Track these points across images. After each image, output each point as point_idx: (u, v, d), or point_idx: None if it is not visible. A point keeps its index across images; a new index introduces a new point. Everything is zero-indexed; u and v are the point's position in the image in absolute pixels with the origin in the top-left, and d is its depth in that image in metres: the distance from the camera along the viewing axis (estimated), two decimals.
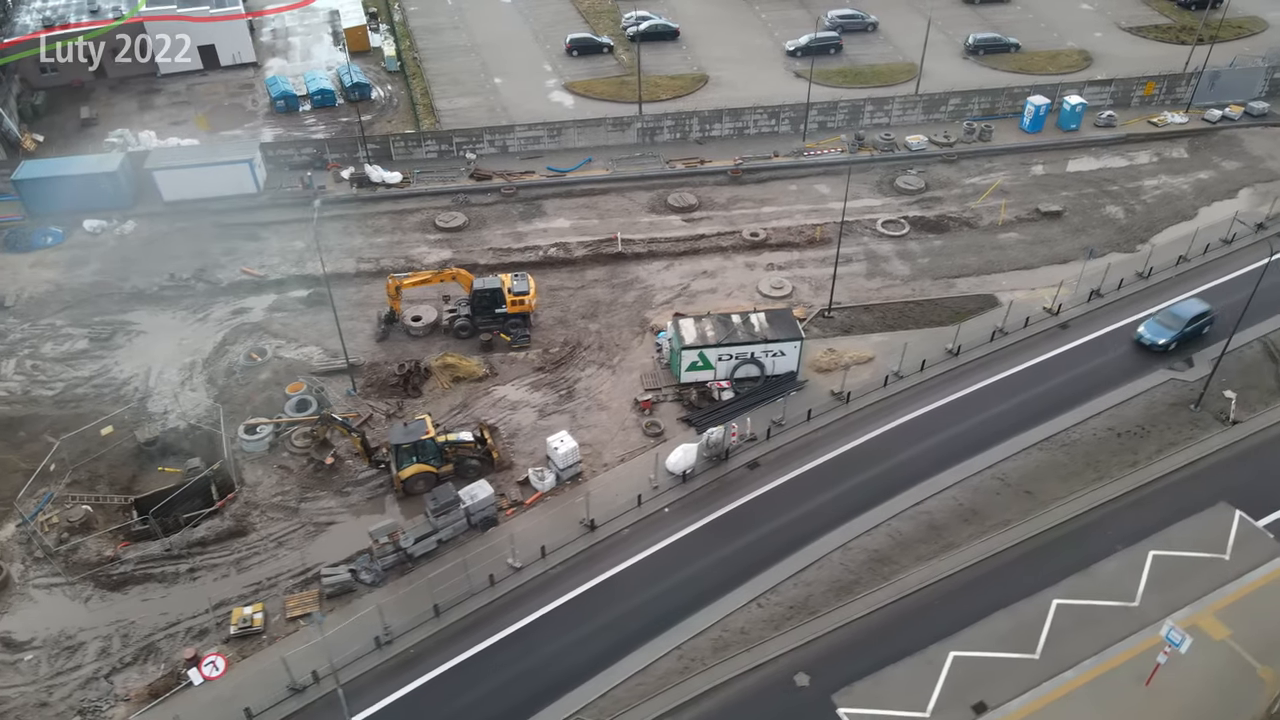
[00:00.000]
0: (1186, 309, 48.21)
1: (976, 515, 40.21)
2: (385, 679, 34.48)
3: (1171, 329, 47.55)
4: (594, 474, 42.23)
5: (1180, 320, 47.67)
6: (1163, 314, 48.41)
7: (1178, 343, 47.38)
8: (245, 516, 40.07)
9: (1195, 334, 47.97)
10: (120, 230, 57.16)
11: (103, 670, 34.52)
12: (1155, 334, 47.69)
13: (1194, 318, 47.77)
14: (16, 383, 46.64)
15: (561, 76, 74.10)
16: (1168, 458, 42.47)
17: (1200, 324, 47.95)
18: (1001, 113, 68.54)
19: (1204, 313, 48.14)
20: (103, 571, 37.74)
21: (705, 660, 34.93)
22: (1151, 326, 48.09)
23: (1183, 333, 47.35)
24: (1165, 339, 47.26)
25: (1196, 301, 48.90)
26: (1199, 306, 48.37)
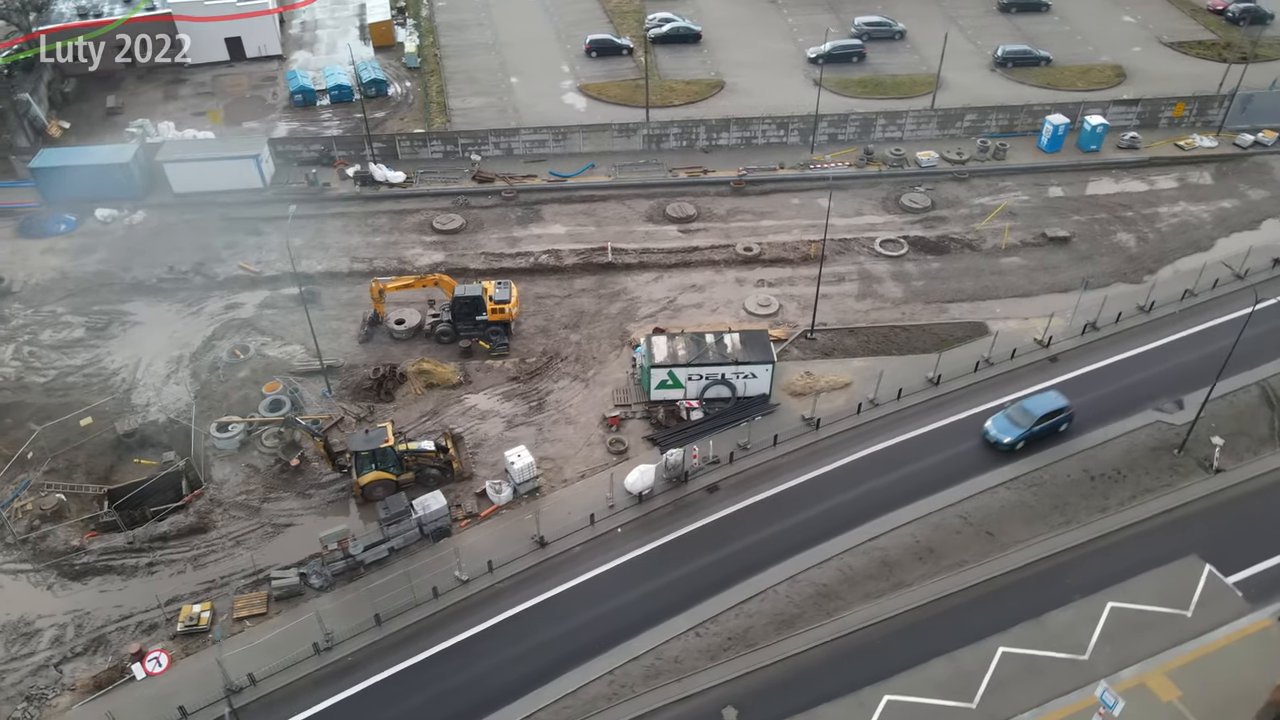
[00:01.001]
0: (1039, 404, 43.10)
1: (932, 554, 39.44)
2: (321, 685, 35.14)
3: (1019, 426, 42.60)
4: (553, 489, 42.39)
5: (1030, 417, 42.61)
6: (1013, 409, 43.38)
7: (1026, 442, 42.66)
8: (208, 514, 41.11)
9: (1049, 432, 43.02)
10: (130, 220, 58.78)
11: (54, 659, 35.82)
12: (1002, 431, 42.83)
13: (1046, 415, 42.69)
14: (12, 369, 48.35)
15: (577, 78, 74.04)
16: (1140, 505, 41.14)
17: (1054, 421, 42.88)
18: (1020, 130, 66.71)
19: (1059, 409, 42.95)
20: (67, 561, 39.07)
21: (635, 687, 34.94)
22: (999, 422, 43.24)
23: (1031, 431, 42.37)
24: (1011, 437, 42.44)
25: (1054, 395, 43.67)
26: (1054, 402, 43.19)
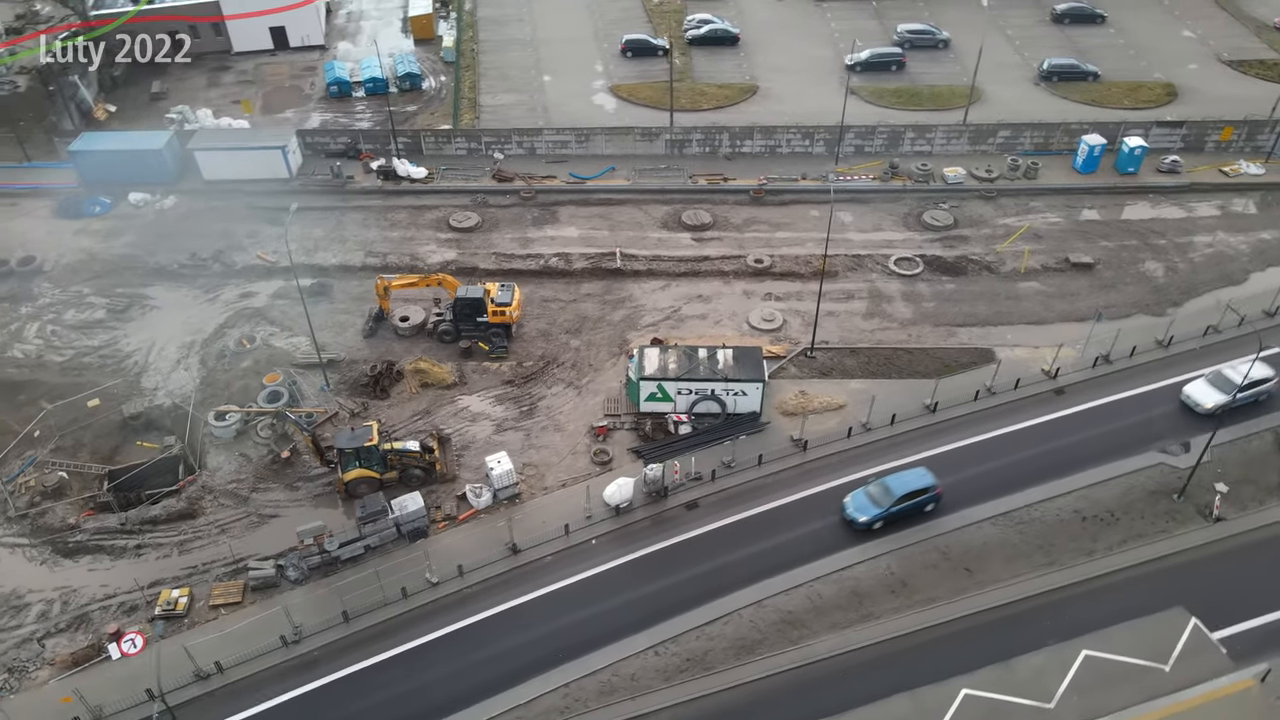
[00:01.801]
0: (902, 483, 40.26)
1: (905, 587, 38.77)
2: (285, 677, 36.01)
3: (877, 505, 39.95)
4: (533, 496, 42.71)
5: (889, 496, 39.89)
6: (875, 485, 40.74)
7: (885, 522, 40.03)
8: (199, 500, 42.37)
9: (913, 511, 40.39)
10: (160, 205, 60.62)
11: (38, 633, 37.36)
12: (859, 509, 40.17)
13: (907, 495, 39.93)
14: (34, 346, 50.35)
15: (610, 78, 74.03)
16: (1130, 550, 39.85)
17: (917, 501, 40.28)
18: (1056, 149, 64.78)
19: (924, 489, 40.32)
20: (62, 538, 40.65)
21: (588, 703, 35.11)
22: (858, 499, 40.57)
23: (889, 511, 39.70)
24: (867, 517, 39.85)
25: (920, 473, 40.88)
26: (919, 480, 40.43)
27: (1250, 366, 42.85)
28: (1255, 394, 45.01)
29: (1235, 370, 44.81)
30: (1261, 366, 44.23)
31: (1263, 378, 44.87)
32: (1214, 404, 44.42)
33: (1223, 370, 45.40)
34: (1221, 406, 43.75)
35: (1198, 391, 45.49)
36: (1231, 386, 44.08)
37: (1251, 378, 43.78)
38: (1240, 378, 43.65)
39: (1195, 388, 45.72)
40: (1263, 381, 45.01)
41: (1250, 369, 42.97)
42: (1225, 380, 44.82)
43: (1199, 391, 45.46)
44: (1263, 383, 45.07)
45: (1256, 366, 43.81)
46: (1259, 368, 44.10)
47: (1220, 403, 44.10)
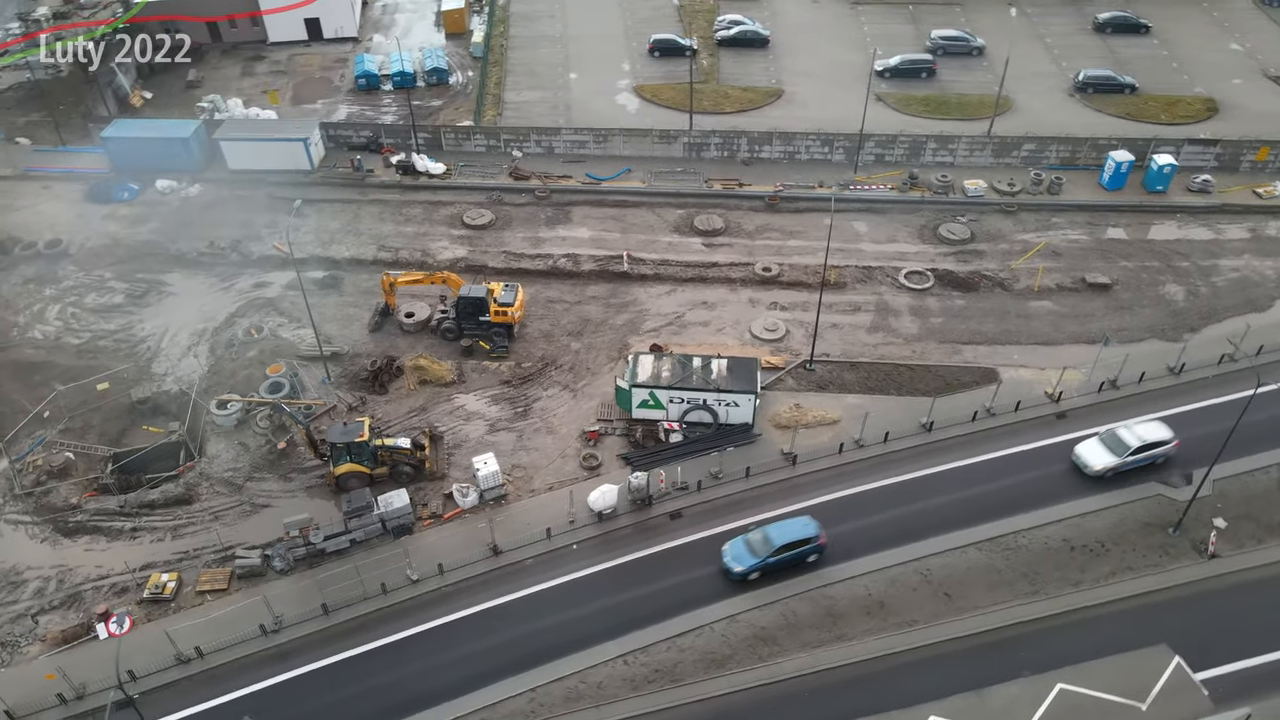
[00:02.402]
0: (782, 532, 38.63)
1: (882, 609, 38.43)
2: (262, 665, 36.87)
3: (755, 555, 38.26)
4: (519, 498, 43.10)
5: (769, 546, 38.24)
6: (754, 533, 39.15)
7: (761, 572, 38.36)
8: (196, 486, 43.48)
9: (794, 562, 38.74)
10: (186, 192, 62.06)
11: (33, 609, 38.70)
12: (735, 558, 38.57)
13: (787, 545, 38.27)
14: (53, 328, 51.95)
15: (635, 78, 74.01)
16: (1118, 583, 39.04)
17: (799, 552, 38.67)
18: (1083, 164, 63.33)
19: (806, 539, 38.71)
20: (63, 517, 42.01)
21: (553, 708, 35.44)
22: (735, 547, 38.92)
23: (767, 561, 38.12)
24: (743, 567, 38.25)
25: (803, 523, 39.28)
26: (801, 530, 38.85)
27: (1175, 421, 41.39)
28: (1151, 457, 42.26)
29: (1131, 431, 42.45)
30: (1160, 429, 42.53)
31: (1159, 440, 42.20)
32: (1103, 466, 41.95)
33: (1117, 430, 42.69)
34: (1111, 469, 41.78)
35: (1088, 451, 42.58)
36: (1124, 448, 41.84)
37: (1147, 439, 41.83)
38: (1137, 439, 41.84)
39: (1086, 447, 42.80)
40: (1160, 444, 42.23)
41: (1145, 430, 41.85)
42: (1118, 441, 42.24)
43: (1089, 451, 42.55)
44: (1160, 445, 42.25)
45: (1156, 428, 42.47)
46: (1158, 430, 42.39)
47: (1110, 465, 41.84)
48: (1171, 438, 42.68)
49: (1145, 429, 42.73)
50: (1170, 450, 42.74)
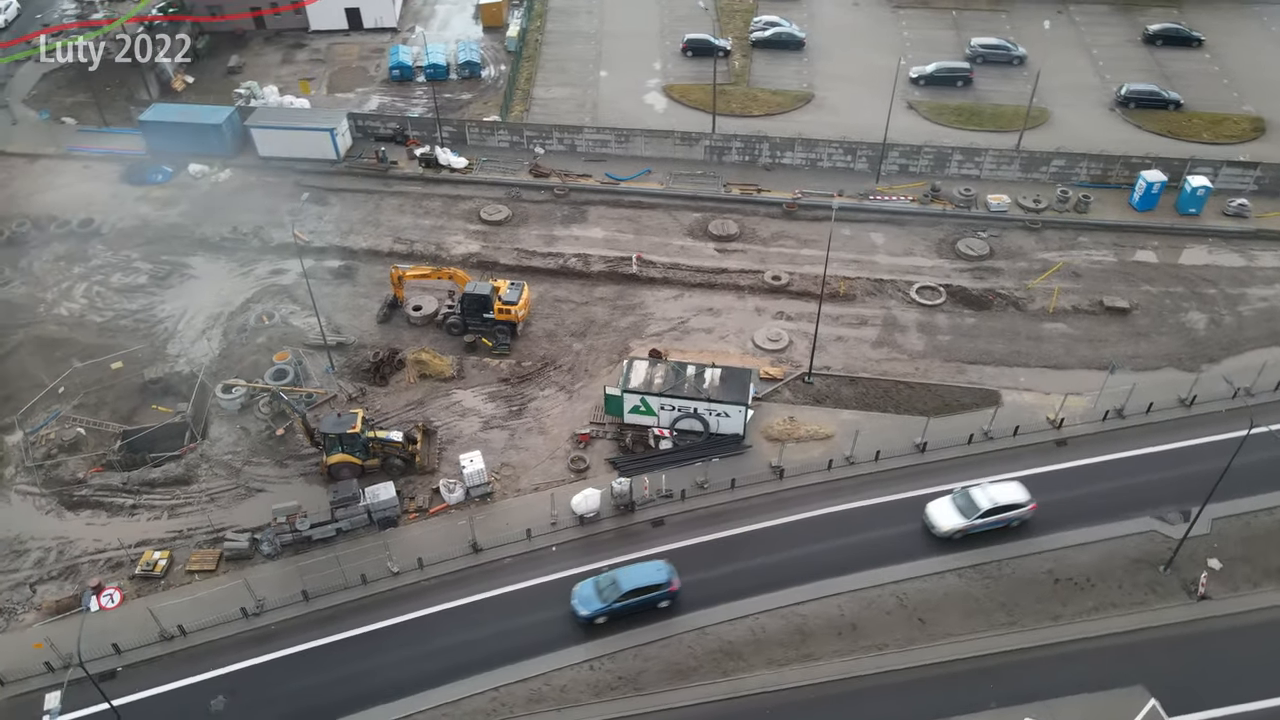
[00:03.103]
0: (632, 577, 37.95)
1: (854, 631, 38.19)
2: (239, 647, 37.99)
3: (603, 600, 37.64)
4: (505, 496, 43.65)
5: (616, 591, 37.56)
6: (602, 578, 38.40)
7: (608, 617, 37.74)
8: (196, 467, 44.85)
9: (644, 608, 37.84)
10: (216, 177, 63.70)
11: (32, 579, 40.37)
12: (583, 601, 37.87)
13: (634, 591, 37.50)
14: (78, 305, 53.86)
15: (665, 77, 73.82)
16: (1099, 619, 38.25)
17: (649, 598, 37.88)
18: (1115, 182, 61.62)
19: (656, 585, 37.84)
20: (69, 491, 43.68)
21: (514, 709, 35.97)
22: (584, 590, 38.18)
23: (612, 607, 37.42)
24: (589, 611, 37.66)
25: (656, 568, 38.49)
26: (652, 576, 38.05)
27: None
28: (1003, 520, 40.52)
29: (985, 492, 40.70)
30: (1016, 491, 40.75)
31: (1013, 503, 40.44)
32: (950, 528, 40.36)
33: (970, 491, 40.92)
34: (959, 531, 40.24)
35: (937, 511, 40.93)
36: (974, 510, 40.18)
37: (1000, 501, 40.09)
38: (988, 501, 40.24)
39: (937, 507, 41.13)
40: (1014, 507, 40.47)
41: (998, 491, 40.25)
42: (970, 502, 40.57)
43: (939, 511, 40.91)
44: (1013, 508, 40.48)
45: (1011, 491, 40.58)
46: (1013, 492, 40.55)
47: (958, 527, 40.25)
48: (1028, 500, 40.64)
49: (999, 490, 40.69)
50: (1025, 514, 40.72)
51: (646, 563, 39.03)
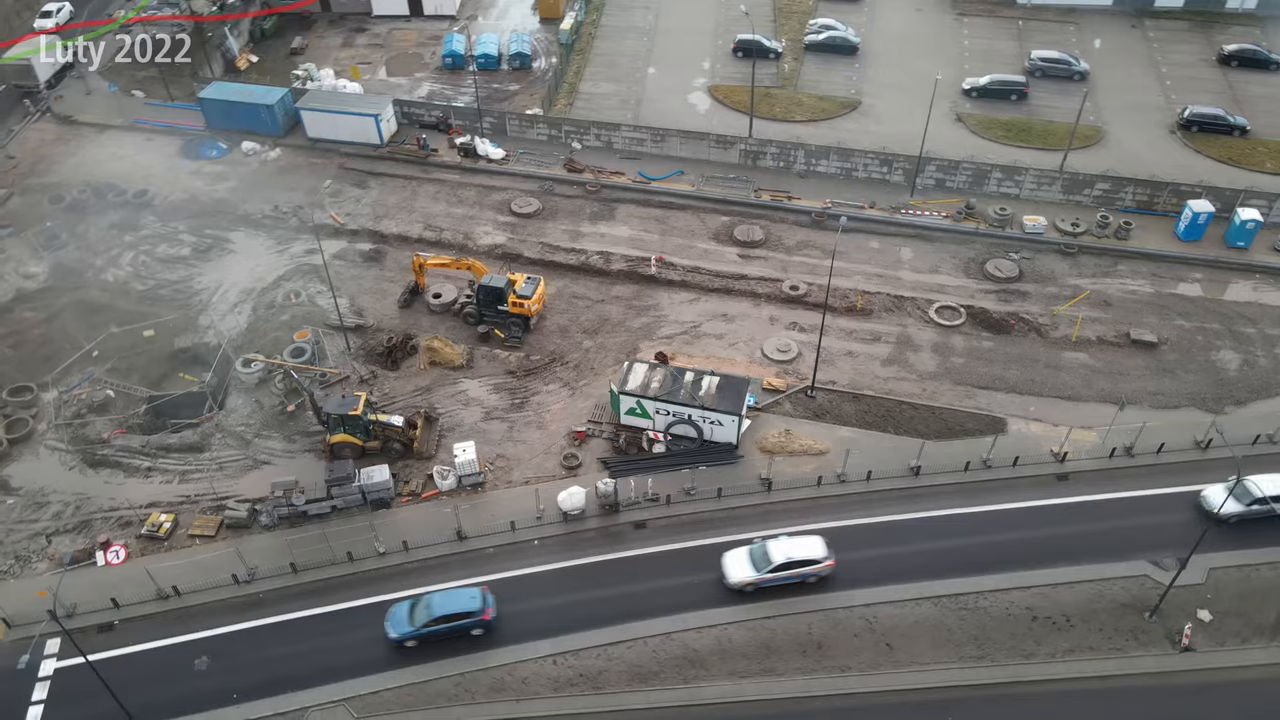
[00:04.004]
0: (446, 602, 37.80)
1: (819, 649, 38.18)
2: (228, 612, 39.90)
3: (412, 624, 37.57)
4: (496, 487, 44.69)
5: (428, 615, 37.54)
6: (420, 600, 38.30)
7: (418, 641, 37.68)
8: (210, 436, 47.01)
9: (454, 635, 37.60)
10: (266, 156, 66.12)
11: (49, 530, 42.98)
12: (395, 624, 37.87)
13: (445, 617, 37.33)
14: (124, 273, 56.68)
15: (712, 77, 73.70)
16: (1072, 662, 37.46)
17: (460, 625, 37.63)
18: (1161, 209, 59.48)
19: (468, 612, 37.58)
20: (92, 450, 46.28)
21: (476, 694, 37.04)
22: (397, 613, 38.18)
23: (422, 631, 37.32)
24: (399, 634, 37.65)
25: (472, 595, 38.15)
26: (469, 602, 37.77)
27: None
28: (798, 575, 39.23)
29: (780, 545, 39.38)
30: (815, 546, 39.47)
31: (809, 559, 39.12)
32: (741, 580, 39.16)
33: (767, 544, 39.70)
34: (751, 584, 39.03)
35: (731, 561, 39.82)
36: (766, 564, 38.95)
37: (794, 557, 38.87)
38: (782, 556, 38.95)
39: (731, 557, 39.99)
40: (809, 563, 39.13)
41: (794, 546, 39.19)
42: (764, 555, 39.30)
43: (732, 562, 39.79)
44: (808, 564, 39.15)
45: (810, 546, 39.35)
46: (811, 547, 39.32)
47: (749, 579, 39.05)
48: (825, 556, 39.37)
49: (795, 545, 39.47)
50: (823, 570, 39.48)
51: (462, 589, 38.77)
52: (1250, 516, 41.15)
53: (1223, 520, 40.15)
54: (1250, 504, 41.04)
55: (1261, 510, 41.03)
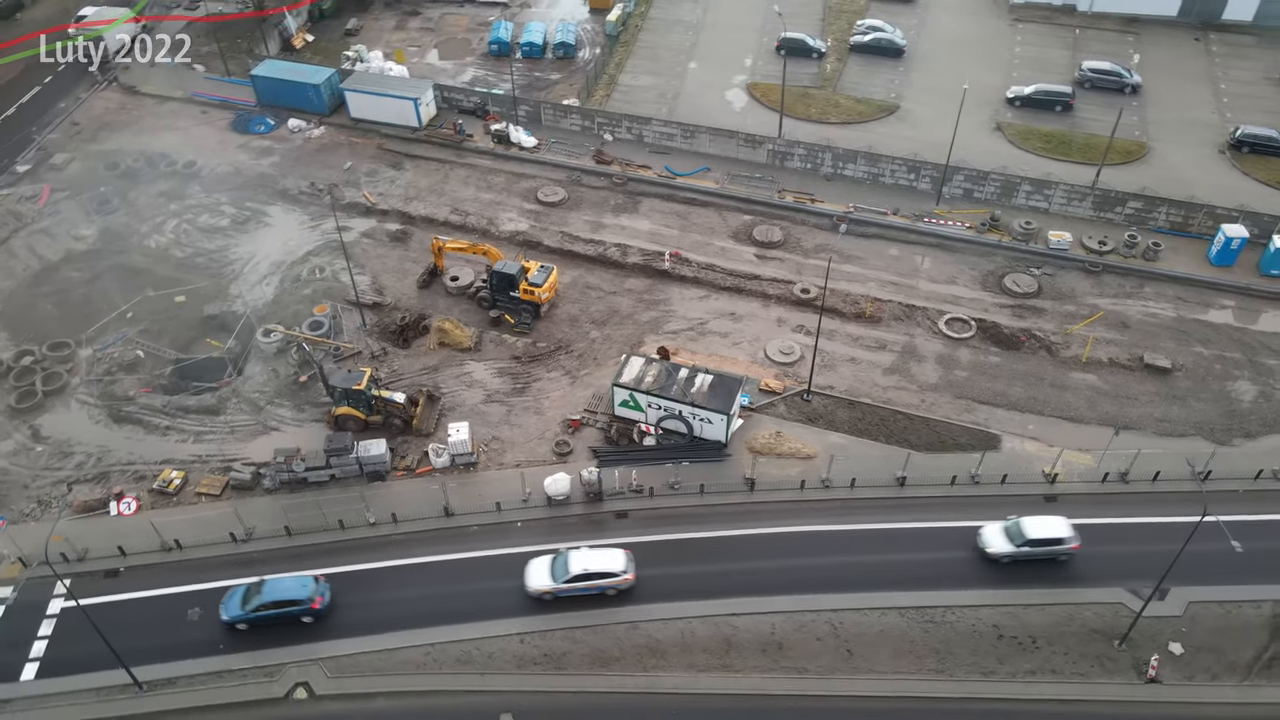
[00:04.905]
0: (275, 589, 39.43)
1: (780, 650, 38.77)
2: (222, 567, 42.15)
3: (244, 607, 39.36)
4: (487, 468, 46.15)
5: (259, 599, 39.30)
6: (252, 587, 39.92)
7: (248, 625, 39.32)
8: (226, 400, 49.45)
9: (282, 620, 39.33)
10: (311, 133, 68.59)
11: (70, 479, 45.86)
12: (227, 606, 39.81)
13: (276, 603, 39.08)
14: (166, 240, 59.61)
15: (752, 74, 73.75)
16: (1032, 684, 37.34)
17: (290, 611, 39.49)
18: (1195, 231, 57.93)
19: (296, 600, 39.29)
20: (118, 406, 49.11)
21: (443, 665, 38.61)
22: (233, 597, 39.95)
23: (250, 616, 39.15)
24: (230, 616, 39.55)
25: (304, 582, 39.82)
26: (300, 590, 39.39)
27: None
28: (597, 588, 39.90)
29: (580, 557, 40.24)
30: (618, 559, 40.06)
31: (607, 571, 39.81)
32: (540, 588, 40.01)
33: (569, 555, 40.55)
34: (549, 593, 39.87)
35: (533, 570, 40.75)
36: (565, 574, 39.82)
37: (592, 569, 39.71)
38: (580, 567, 39.82)
39: (532, 566, 40.91)
40: (608, 575, 39.84)
41: (592, 559, 39.93)
42: (563, 566, 40.13)
43: (534, 570, 40.71)
44: (608, 576, 39.85)
45: (610, 559, 39.92)
46: (613, 560, 39.91)
47: (546, 588, 39.90)
48: (624, 570, 39.98)
49: (595, 557, 40.24)
50: (621, 584, 40.07)
51: (296, 577, 40.27)
52: (1021, 557, 40.59)
53: (995, 560, 40.42)
54: (1021, 545, 40.44)
55: (1032, 552, 40.42)
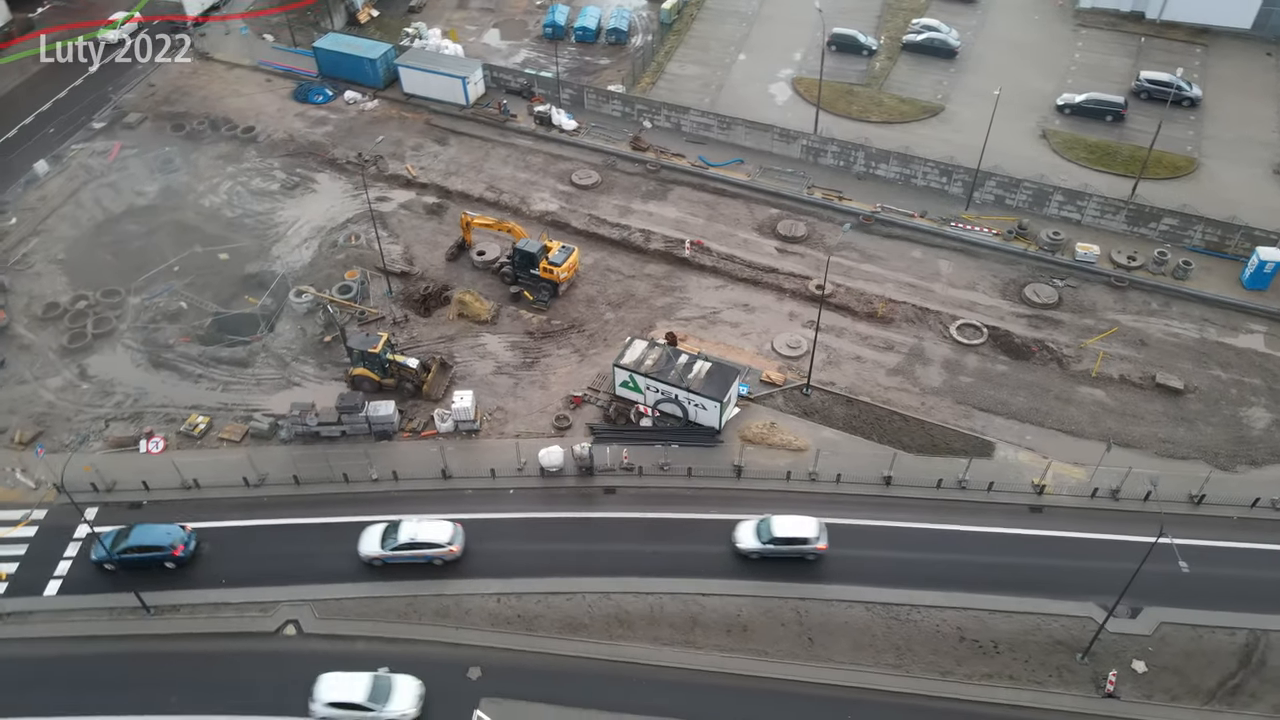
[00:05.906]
0: (143, 534, 42.27)
1: (744, 631, 39.96)
2: (232, 509, 45.14)
3: (110, 550, 41.42)
4: (488, 436, 48.22)
5: (125, 542, 41.66)
6: (119, 531, 42.33)
7: (116, 565, 41.84)
8: (256, 354, 52.54)
9: (145, 564, 42.21)
10: (364, 105, 71.46)
11: (109, 415, 49.48)
12: (97, 550, 42.00)
13: (139, 547, 41.81)
14: (219, 200, 63.12)
15: (800, 69, 73.98)
16: (988, 687, 37.81)
17: (152, 555, 42.33)
18: (1231, 253, 56.60)
19: (157, 545, 41.94)
20: (159, 353, 52.62)
21: (422, 616, 40.87)
22: (103, 541, 41.82)
23: (115, 557, 41.40)
24: (98, 557, 42.14)
25: (169, 530, 42.48)
26: (164, 537, 41.98)
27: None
28: (423, 556, 42.39)
29: (410, 527, 42.63)
30: (445, 530, 42.51)
31: (433, 542, 42.30)
32: (371, 555, 42.42)
33: (401, 523, 42.96)
34: (379, 559, 42.40)
35: (365, 537, 43.06)
36: (393, 543, 42.32)
37: (420, 538, 42.25)
38: (408, 536, 42.27)
39: (366, 533, 43.24)
40: (434, 545, 42.26)
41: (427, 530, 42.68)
42: (394, 536, 42.51)
43: (365, 538, 43.02)
44: (431, 546, 42.25)
45: (438, 530, 42.33)
46: (440, 531, 42.38)
47: (376, 555, 42.40)
48: (450, 541, 42.17)
49: (424, 528, 42.46)
50: (446, 555, 42.35)
51: (164, 526, 43.12)
52: (768, 554, 41.57)
53: (745, 555, 41.94)
54: (768, 542, 41.39)
55: (777, 550, 41.51)
